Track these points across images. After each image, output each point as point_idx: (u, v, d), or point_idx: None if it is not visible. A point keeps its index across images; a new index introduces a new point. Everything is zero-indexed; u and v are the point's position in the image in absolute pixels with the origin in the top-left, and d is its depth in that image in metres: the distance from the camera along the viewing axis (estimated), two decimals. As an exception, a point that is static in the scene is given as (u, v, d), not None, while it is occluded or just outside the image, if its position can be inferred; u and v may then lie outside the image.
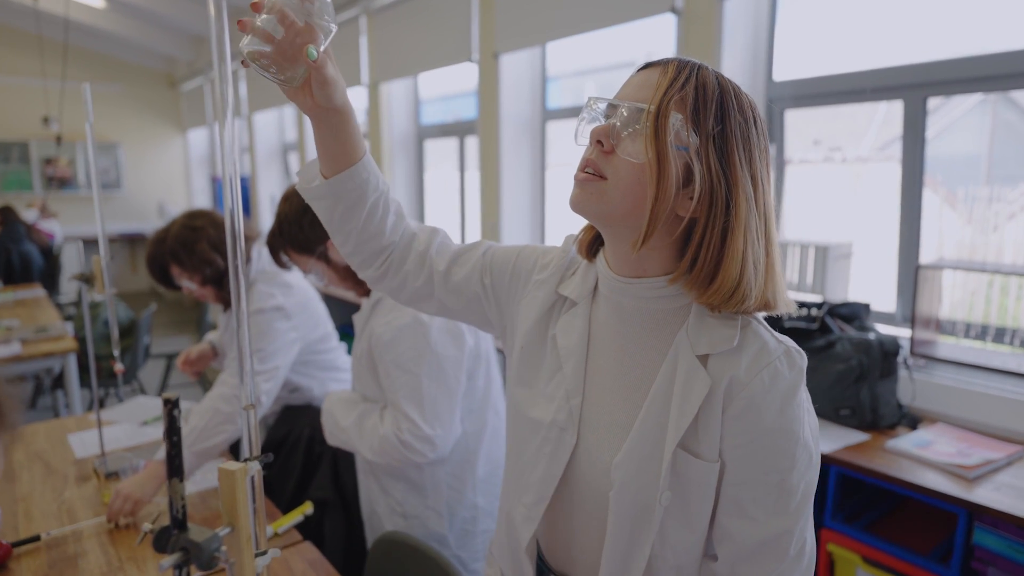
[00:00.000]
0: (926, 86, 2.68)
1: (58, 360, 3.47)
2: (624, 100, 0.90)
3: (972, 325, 2.60)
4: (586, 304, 1.03)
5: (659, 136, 0.84)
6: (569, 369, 1.01)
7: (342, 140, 0.98)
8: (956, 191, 2.79)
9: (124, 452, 2.10)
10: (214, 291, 2.26)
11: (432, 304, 1.14)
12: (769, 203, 0.90)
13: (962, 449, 2.05)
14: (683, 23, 3.17)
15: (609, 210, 0.89)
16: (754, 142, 0.88)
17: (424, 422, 1.60)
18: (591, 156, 0.90)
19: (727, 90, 0.88)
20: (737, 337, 0.90)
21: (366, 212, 1.03)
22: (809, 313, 2.46)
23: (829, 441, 2.16)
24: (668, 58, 0.91)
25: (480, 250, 1.13)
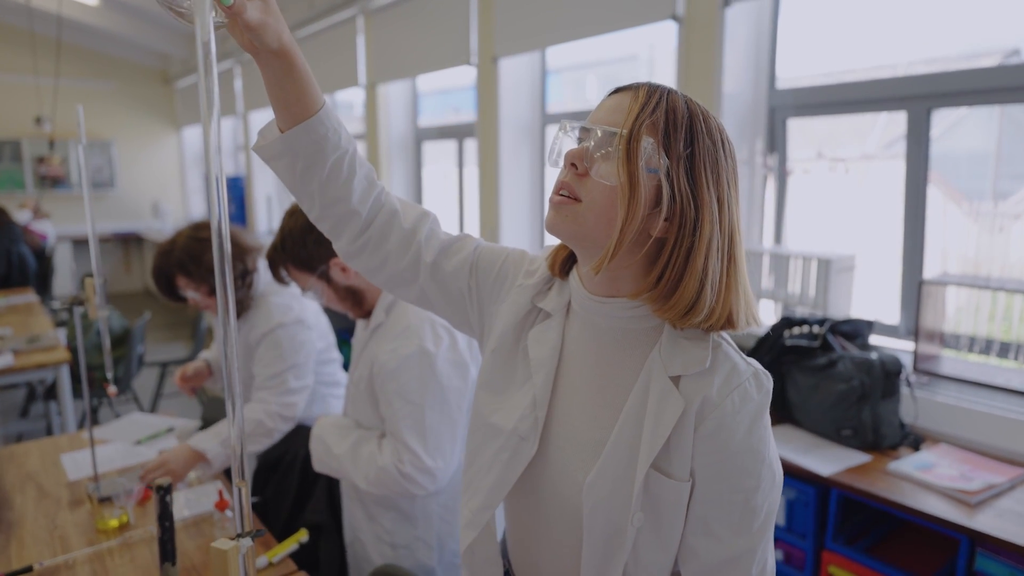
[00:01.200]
0: (930, 97, 2.69)
1: (51, 371, 3.48)
2: (597, 124, 0.94)
3: (976, 339, 2.61)
4: (560, 317, 1.07)
5: (631, 159, 0.89)
6: (539, 380, 1.04)
7: (287, 88, 0.95)
8: (962, 189, 2.79)
9: (118, 474, 2.12)
10: None
11: (412, 290, 1.14)
12: (735, 223, 0.95)
13: (964, 472, 2.06)
14: (684, 30, 3.17)
15: (584, 231, 0.94)
16: (722, 164, 0.93)
17: (426, 454, 1.60)
18: (566, 179, 0.95)
19: (696, 114, 0.93)
20: (709, 358, 0.95)
21: (327, 171, 1.00)
22: (811, 330, 2.46)
23: (830, 462, 2.17)
24: (639, 83, 0.96)
25: (471, 245, 1.14)
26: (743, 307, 0.95)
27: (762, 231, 3.28)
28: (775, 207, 3.24)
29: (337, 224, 1.06)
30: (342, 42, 5.82)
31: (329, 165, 1.00)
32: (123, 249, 10.26)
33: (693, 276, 0.91)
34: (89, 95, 9.58)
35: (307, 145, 0.98)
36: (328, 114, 0.98)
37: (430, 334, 1.65)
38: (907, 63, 2.81)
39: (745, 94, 3.17)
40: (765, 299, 3.05)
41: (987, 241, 2.67)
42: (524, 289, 1.09)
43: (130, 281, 10.40)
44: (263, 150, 1.01)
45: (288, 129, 0.97)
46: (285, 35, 0.90)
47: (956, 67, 2.66)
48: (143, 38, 8.61)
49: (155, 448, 2.33)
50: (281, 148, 0.98)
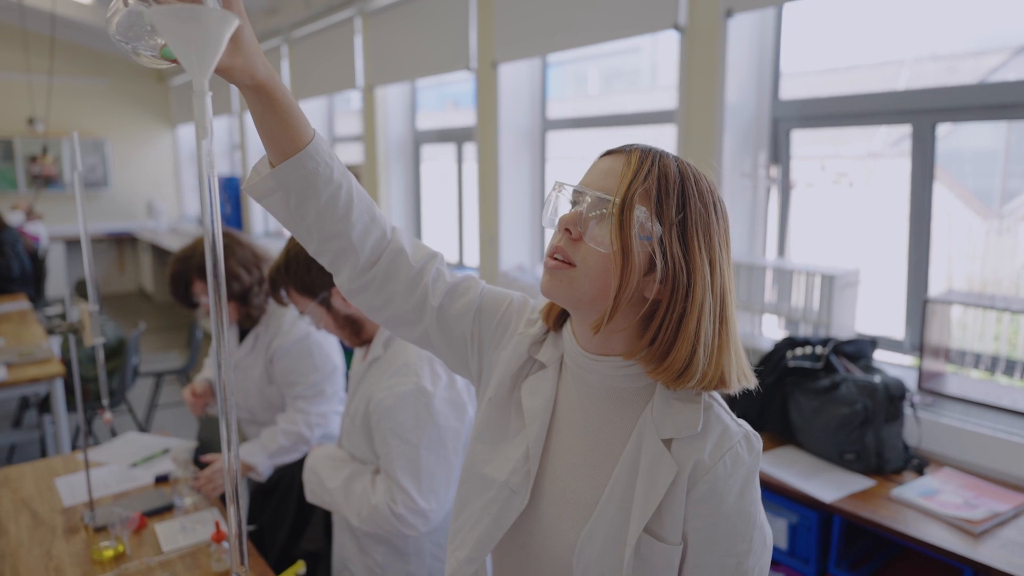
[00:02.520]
0: (936, 111, 2.70)
1: (44, 385, 3.49)
2: (589, 188, 0.96)
3: (982, 357, 2.62)
4: (554, 369, 1.08)
5: (624, 228, 0.91)
6: (532, 432, 1.05)
7: (270, 122, 0.93)
8: (970, 188, 2.79)
9: (113, 501, 2.13)
10: (237, 307, 2.42)
11: (414, 331, 1.13)
12: (726, 284, 0.97)
13: (968, 499, 2.08)
14: (686, 40, 3.18)
15: (579, 296, 0.96)
16: (713, 227, 0.95)
17: (420, 495, 1.61)
18: (560, 243, 0.97)
19: (687, 177, 0.95)
20: (701, 422, 0.96)
21: (322, 205, 0.98)
22: (814, 351, 2.47)
23: (833, 488, 2.18)
24: (630, 146, 0.98)
25: (476, 289, 1.14)
26: (735, 367, 0.97)
27: (765, 244, 3.29)
28: (778, 220, 3.25)
29: (336, 259, 1.05)
30: (340, 44, 5.83)
31: (323, 200, 0.98)
32: (117, 249, 10.27)
33: (686, 339, 0.93)
34: (82, 93, 9.58)
35: (297, 180, 0.96)
36: (318, 148, 0.97)
37: (428, 372, 1.66)
38: (912, 73, 2.81)
39: (748, 105, 3.17)
40: (768, 314, 3.06)
41: (995, 242, 2.67)
42: (524, 338, 1.10)
43: (124, 282, 10.41)
44: (254, 188, 0.99)
45: (278, 164, 0.96)
46: (259, 73, 0.88)
47: (963, 74, 2.67)
48: (137, 36, 8.59)
49: (150, 471, 2.34)
50: (272, 184, 0.97)
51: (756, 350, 2.92)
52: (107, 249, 10.14)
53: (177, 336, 7.57)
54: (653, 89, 4.13)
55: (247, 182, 1.00)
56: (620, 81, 4.39)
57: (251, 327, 2.50)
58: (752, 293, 3.04)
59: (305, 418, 2.33)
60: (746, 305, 3.07)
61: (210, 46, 0.62)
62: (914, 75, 2.86)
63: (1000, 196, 2.72)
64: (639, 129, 3.97)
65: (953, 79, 2.76)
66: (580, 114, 4.48)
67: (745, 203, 3.25)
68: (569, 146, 4.51)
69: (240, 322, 2.50)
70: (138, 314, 8.89)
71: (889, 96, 2.84)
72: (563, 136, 4.45)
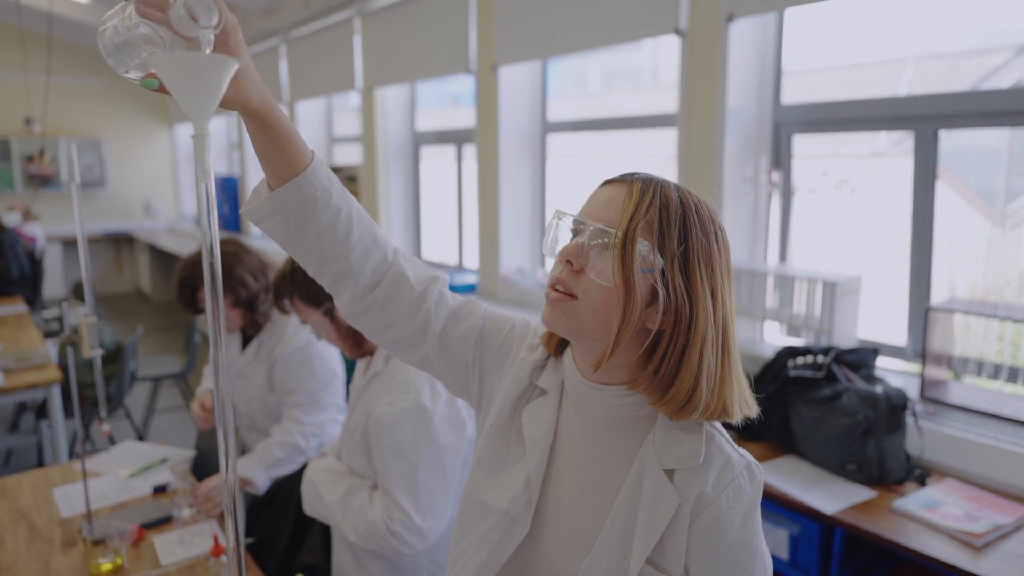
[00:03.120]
0: (938, 118, 2.70)
1: (42, 391, 3.49)
2: (590, 218, 0.97)
3: (985, 364, 2.62)
4: (555, 396, 1.08)
5: (626, 262, 0.92)
6: (533, 460, 1.05)
7: (266, 146, 0.93)
8: (973, 186, 2.80)
9: (111, 512, 2.13)
10: (243, 314, 2.45)
11: (415, 354, 1.13)
12: (728, 313, 0.97)
13: (971, 511, 2.08)
14: (687, 45, 3.18)
15: (581, 327, 0.97)
16: (715, 257, 0.96)
17: (417, 514, 1.62)
18: (561, 275, 0.97)
19: (688, 207, 0.95)
20: (703, 452, 0.97)
21: (321, 229, 0.98)
22: (815, 361, 2.48)
23: (835, 499, 2.19)
24: (631, 175, 0.98)
25: (479, 313, 1.14)
26: (737, 396, 0.98)
27: (767, 250, 3.30)
28: (780, 225, 3.25)
29: (335, 282, 1.05)
30: (339, 44, 5.83)
31: (322, 223, 0.98)
32: (114, 249, 10.27)
33: (689, 371, 0.94)
34: (79, 92, 9.58)
35: (295, 204, 0.96)
36: (316, 172, 0.96)
37: (428, 389, 1.67)
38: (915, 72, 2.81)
39: (749, 109, 3.17)
40: (769, 320, 3.07)
41: (999, 242, 2.66)
42: (525, 364, 1.10)
43: (121, 282, 10.41)
44: (252, 212, 0.99)
45: (277, 188, 0.96)
46: (252, 101, 0.87)
47: (965, 73, 2.68)
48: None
49: (148, 481, 2.34)
50: (270, 208, 0.97)
51: (757, 357, 2.92)
52: (104, 249, 10.15)
53: (174, 338, 7.58)
54: (654, 87, 4.12)
55: (246, 206, 1.00)
56: (621, 78, 4.38)
57: (255, 334, 2.53)
58: (753, 299, 3.04)
59: (300, 428, 2.34)
60: (747, 311, 3.08)
61: (210, 91, 0.62)
62: (916, 74, 2.87)
63: (1004, 195, 2.72)
64: (640, 132, 3.98)
65: (956, 78, 2.76)
66: (581, 113, 4.49)
67: (746, 208, 3.25)
68: (570, 147, 4.52)
69: (244, 329, 2.52)
70: (135, 315, 8.90)
71: (891, 102, 2.84)
72: (564, 138, 4.45)
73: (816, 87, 3.22)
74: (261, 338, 2.50)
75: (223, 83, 0.64)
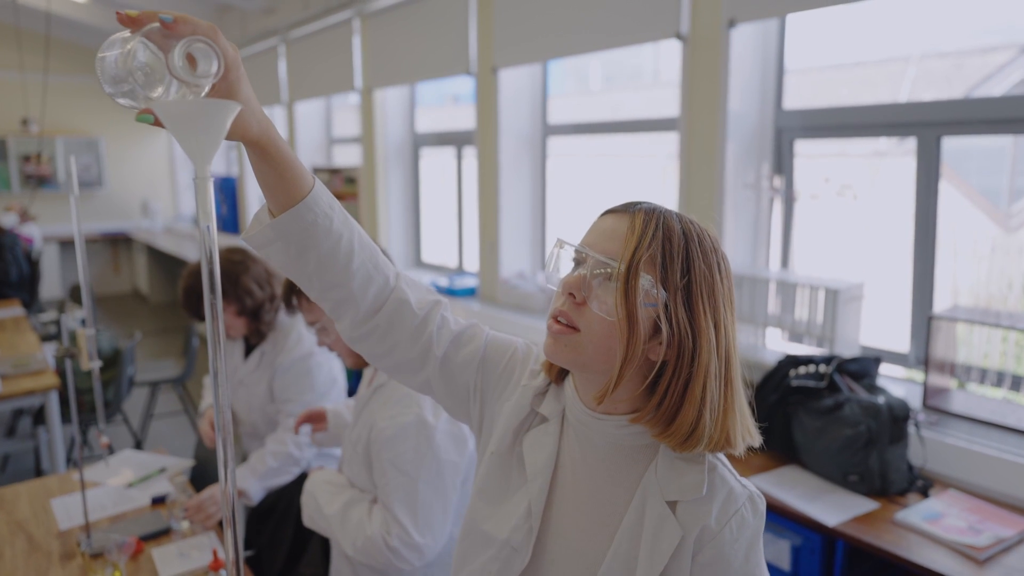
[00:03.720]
0: (941, 125, 2.70)
1: (39, 397, 3.50)
2: (592, 249, 0.97)
3: (988, 372, 2.63)
4: (557, 423, 1.08)
5: (629, 297, 0.92)
6: (535, 488, 1.05)
7: (266, 173, 0.93)
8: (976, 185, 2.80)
9: (109, 524, 2.14)
10: (247, 322, 2.47)
11: (416, 379, 1.13)
12: (731, 344, 0.98)
13: (973, 524, 2.09)
14: (688, 49, 3.19)
15: (583, 360, 0.97)
16: (717, 288, 0.96)
17: (415, 530, 1.62)
18: (563, 307, 0.97)
19: (691, 237, 0.95)
20: (705, 484, 0.97)
21: (322, 255, 0.98)
22: (817, 370, 2.48)
23: (837, 511, 2.19)
24: (634, 206, 0.98)
25: (481, 337, 1.14)
26: (740, 428, 0.98)
27: (768, 256, 3.30)
28: (782, 231, 3.25)
29: (336, 307, 1.05)
30: (338, 45, 5.83)
31: (323, 250, 0.98)
32: (112, 250, 10.27)
33: (692, 403, 0.94)
34: (76, 91, 9.57)
35: (296, 232, 0.96)
36: (317, 200, 0.96)
37: (431, 404, 1.67)
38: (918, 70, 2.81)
39: (751, 114, 3.18)
40: (771, 327, 3.07)
41: (1003, 242, 2.66)
42: (526, 390, 1.10)
43: (119, 283, 10.42)
44: (253, 239, 0.99)
45: (278, 214, 0.96)
46: (252, 132, 0.87)
47: (969, 71, 2.68)
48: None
49: (147, 492, 2.35)
50: (271, 235, 0.97)
51: (759, 364, 2.93)
52: (101, 250, 10.15)
53: (173, 340, 7.58)
54: (656, 85, 4.12)
55: (246, 232, 0.99)
56: (622, 76, 4.37)
57: (259, 343, 2.55)
58: (755, 305, 3.05)
59: (294, 438, 2.35)
60: (749, 318, 3.08)
61: (211, 135, 0.62)
62: (920, 73, 2.87)
63: (1008, 195, 2.72)
64: (641, 136, 3.98)
65: (959, 77, 2.76)
66: (581, 112, 4.50)
67: (748, 214, 3.25)
68: (571, 146, 4.52)
69: (248, 337, 2.55)
70: (133, 317, 8.91)
71: (894, 108, 2.85)
72: (565, 142, 4.45)
73: (819, 86, 3.23)
74: (264, 347, 2.52)
75: (225, 126, 0.64)
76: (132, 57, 0.71)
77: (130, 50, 0.71)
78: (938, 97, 2.78)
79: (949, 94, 2.79)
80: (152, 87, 0.72)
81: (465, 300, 4.62)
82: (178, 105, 0.62)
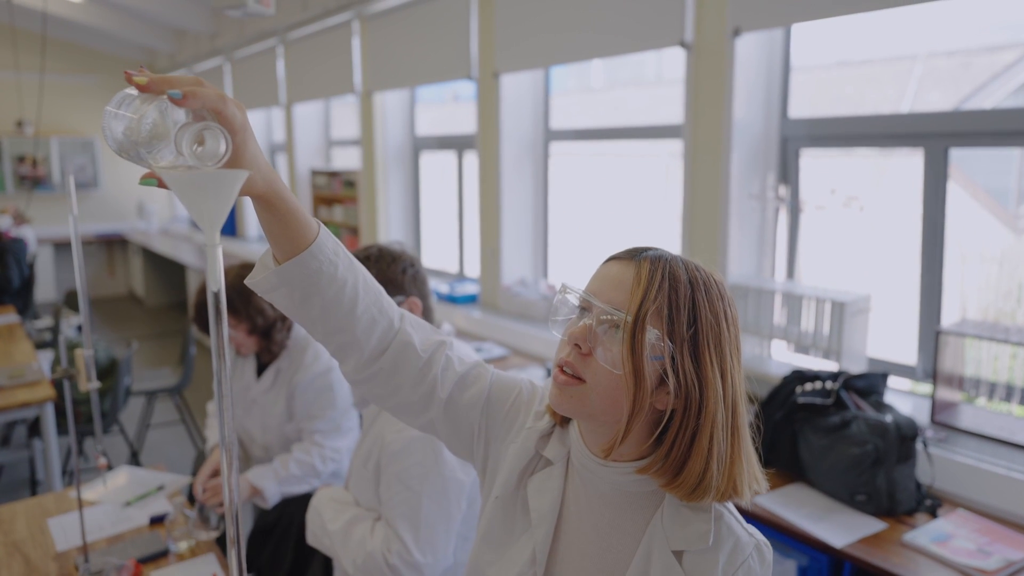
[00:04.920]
0: (949, 136, 2.70)
1: (34, 408, 3.50)
2: (597, 298, 0.97)
3: (997, 386, 2.63)
4: (561, 466, 1.08)
5: (636, 351, 0.93)
6: (539, 535, 1.06)
7: (270, 223, 0.94)
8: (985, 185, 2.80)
9: (107, 545, 2.14)
10: (259, 341, 2.48)
11: (419, 420, 1.13)
12: (738, 393, 0.98)
13: (982, 545, 2.09)
14: (692, 57, 3.19)
15: (590, 411, 0.98)
16: (724, 336, 0.97)
17: (416, 548, 1.62)
18: (569, 358, 0.98)
19: (697, 286, 0.96)
20: (712, 534, 0.97)
21: (327, 301, 0.99)
22: (824, 387, 2.48)
23: (844, 531, 2.19)
24: (639, 254, 0.99)
25: (486, 378, 1.14)
26: (747, 476, 0.98)
27: (774, 267, 3.30)
28: (787, 242, 3.26)
29: (340, 350, 1.05)
30: (337, 47, 5.83)
31: (328, 297, 0.98)
32: (107, 252, 10.28)
33: (699, 454, 0.95)
34: (70, 90, 9.58)
35: (301, 279, 0.97)
36: (322, 248, 0.97)
37: None
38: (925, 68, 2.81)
39: (756, 123, 3.18)
40: (777, 339, 3.08)
41: (1012, 244, 2.66)
42: (531, 433, 1.11)
43: (114, 285, 10.43)
44: (258, 284, 0.99)
45: (283, 261, 0.97)
46: (257, 188, 0.88)
47: (977, 70, 2.68)
48: (128, 34, 8.60)
49: (145, 510, 2.35)
50: (275, 281, 0.97)
51: (764, 377, 2.93)
52: (96, 251, 10.16)
53: (169, 345, 7.58)
54: (659, 83, 4.11)
55: (251, 277, 1.00)
56: (625, 73, 4.35)
57: (271, 360, 2.56)
58: (760, 317, 3.05)
59: (320, 451, 2.40)
60: (754, 329, 3.09)
61: (220, 203, 0.63)
62: (927, 71, 2.86)
63: (1016, 195, 2.72)
64: (645, 143, 3.99)
65: (967, 75, 2.76)
66: (583, 110, 4.50)
67: (753, 224, 3.26)
68: (575, 158, 4.52)
69: (260, 355, 2.55)
70: (128, 320, 8.91)
71: (902, 119, 2.85)
72: (568, 147, 4.45)
73: (824, 84, 3.22)
74: (279, 364, 2.53)
75: (234, 194, 0.65)
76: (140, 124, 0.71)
77: (139, 119, 0.72)
78: (945, 103, 2.78)
79: (956, 93, 2.79)
80: (157, 148, 0.72)
81: (466, 307, 4.62)
82: (186, 175, 0.62)
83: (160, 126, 0.72)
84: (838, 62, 3.21)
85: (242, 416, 2.57)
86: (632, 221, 4.27)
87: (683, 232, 3.31)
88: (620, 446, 0.97)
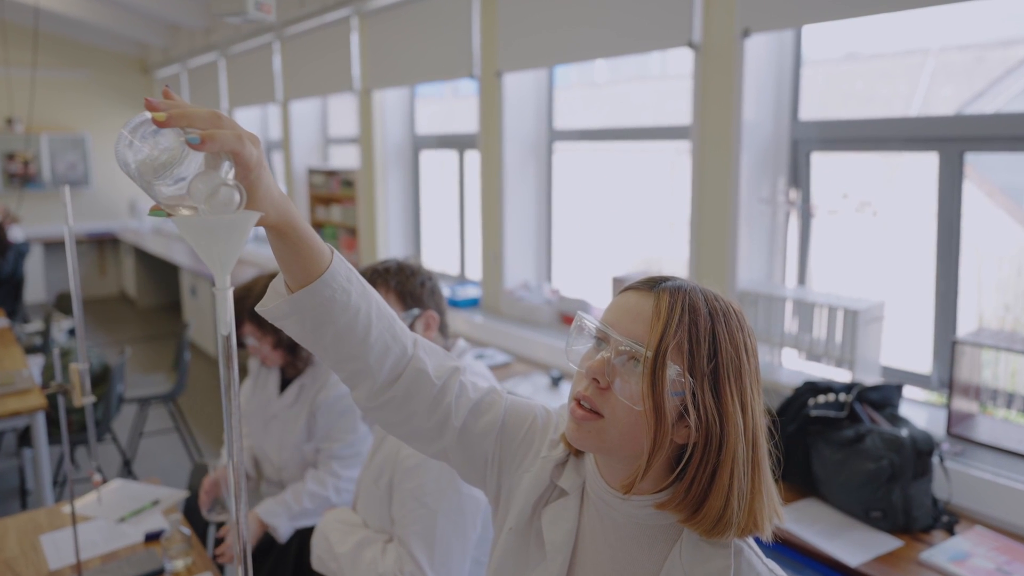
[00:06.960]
0: (964, 140, 2.69)
1: (25, 418, 3.48)
2: (615, 330, 0.97)
3: (1015, 397, 2.62)
4: (576, 497, 1.08)
5: (656, 388, 0.92)
6: (554, 568, 1.05)
7: (283, 252, 0.93)
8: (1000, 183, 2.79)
9: (100, 563, 2.13)
10: (284, 355, 2.42)
11: (432, 447, 1.13)
12: (758, 426, 0.98)
13: (1001, 565, 2.08)
14: (701, 58, 3.18)
15: (608, 446, 0.98)
16: (744, 369, 0.97)
17: (431, 568, 1.60)
18: (586, 392, 0.97)
19: (717, 318, 0.96)
20: (732, 570, 0.97)
21: (339, 329, 0.99)
22: (837, 399, 2.47)
23: (859, 549, 2.18)
24: (658, 285, 0.98)
25: (500, 405, 1.14)
26: (767, 510, 0.98)
27: (784, 273, 3.29)
28: (798, 247, 3.25)
29: (352, 377, 1.05)
30: (335, 44, 5.81)
31: (340, 325, 0.98)
32: (98, 251, 10.27)
33: (720, 490, 0.94)
34: (60, 85, 9.56)
35: (313, 308, 0.96)
36: (334, 276, 0.96)
37: None
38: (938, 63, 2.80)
39: (766, 125, 3.17)
40: (788, 347, 3.07)
41: None
42: (546, 462, 1.10)
43: (105, 285, 10.41)
44: (270, 312, 0.99)
45: (295, 288, 0.96)
46: (269, 219, 0.88)
47: (991, 64, 2.67)
48: (120, 27, 8.58)
49: (140, 526, 2.34)
50: (287, 310, 0.97)
51: (776, 386, 2.92)
52: (87, 251, 10.14)
53: (162, 348, 7.57)
54: (664, 78, 4.09)
55: (263, 304, 1.00)
56: (629, 67, 4.32)
57: (295, 375, 2.51)
58: (771, 325, 3.04)
59: (336, 483, 2.34)
60: (765, 337, 3.07)
61: (232, 246, 0.62)
62: (939, 65, 2.85)
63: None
64: (651, 144, 3.97)
65: (980, 69, 2.74)
66: (587, 106, 4.49)
67: (763, 229, 3.24)
68: (579, 158, 4.51)
69: (284, 369, 2.51)
70: (120, 322, 8.90)
71: (915, 122, 2.84)
72: (572, 147, 4.44)
73: (835, 78, 3.21)
74: (303, 380, 2.47)
75: (246, 236, 0.64)
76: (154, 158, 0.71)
77: (155, 153, 0.71)
78: (958, 98, 2.77)
79: (970, 88, 2.77)
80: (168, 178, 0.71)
81: (467, 311, 4.61)
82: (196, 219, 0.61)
83: (174, 160, 0.72)
84: (848, 56, 3.20)
85: (260, 432, 2.53)
86: (638, 223, 4.26)
87: (691, 237, 3.30)
88: (639, 482, 0.96)
